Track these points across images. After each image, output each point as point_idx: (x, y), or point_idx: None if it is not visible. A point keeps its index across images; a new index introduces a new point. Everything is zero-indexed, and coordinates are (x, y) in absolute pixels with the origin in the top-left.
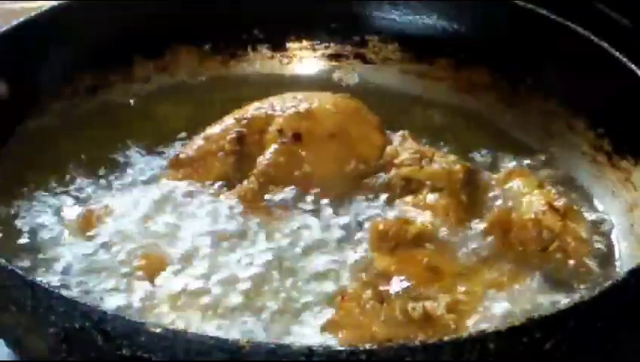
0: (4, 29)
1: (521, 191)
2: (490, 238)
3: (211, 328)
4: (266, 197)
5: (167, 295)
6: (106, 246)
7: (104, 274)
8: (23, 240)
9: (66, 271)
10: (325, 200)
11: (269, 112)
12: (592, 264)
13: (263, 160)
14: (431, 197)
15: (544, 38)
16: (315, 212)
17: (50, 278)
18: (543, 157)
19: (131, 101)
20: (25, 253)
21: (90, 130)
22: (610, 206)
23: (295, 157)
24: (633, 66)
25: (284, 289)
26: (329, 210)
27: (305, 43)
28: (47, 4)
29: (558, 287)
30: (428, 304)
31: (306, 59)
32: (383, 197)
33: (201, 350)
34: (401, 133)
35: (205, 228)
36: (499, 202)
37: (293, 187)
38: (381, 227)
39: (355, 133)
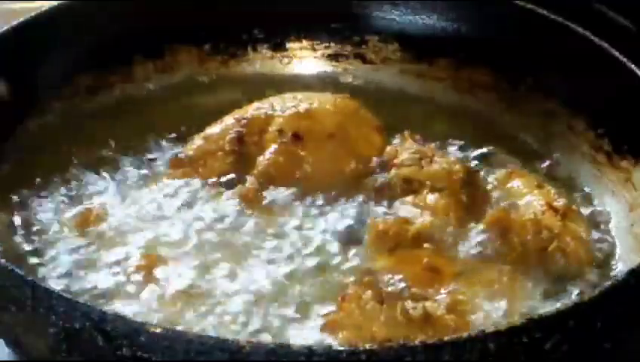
0: (4, 29)
1: (521, 191)
2: (489, 238)
3: (211, 328)
4: (266, 197)
5: (166, 294)
6: (105, 245)
7: (104, 273)
8: (23, 239)
9: (65, 271)
10: (325, 201)
11: (269, 112)
12: (591, 264)
13: (263, 160)
14: (431, 198)
15: (544, 38)
16: (315, 212)
17: (49, 278)
18: (542, 158)
19: (131, 101)
20: (25, 252)
21: (90, 130)
22: (610, 206)
23: (295, 157)
24: (633, 66)
25: (283, 289)
26: (329, 210)
27: (305, 43)
28: (47, 4)
29: (557, 287)
30: (428, 304)
31: (306, 59)
32: (383, 197)
33: (201, 350)
34: (401, 133)
35: (205, 227)
36: (499, 202)
37: (293, 187)
38: (381, 227)
39: (355, 134)
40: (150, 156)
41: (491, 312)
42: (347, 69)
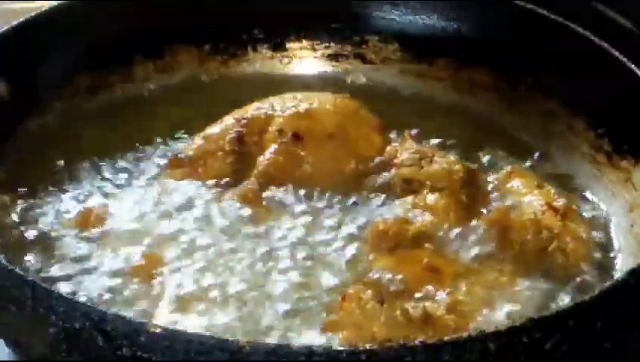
0: (4, 29)
1: (521, 191)
2: (489, 238)
3: (211, 327)
4: (266, 197)
5: (166, 294)
6: (105, 245)
7: (104, 273)
8: (23, 239)
9: (65, 271)
10: (325, 201)
11: (269, 112)
12: (591, 264)
13: (263, 160)
14: (431, 198)
15: (544, 38)
16: (315, 212)
17: (49, 278)
18: (543, 158)
19: (131, 101)
20: (25, 252)
21: (90, 130)
22: (610, 206)
23: (295, 157)
24: (633, 66)
25: (284, 289)
26: (329, 210)
27: (305, 43)
28: (47, 4)
29: (557, 287)
30: (428, 304)
31: (306, 59)
32: (383, 197)
33: (201, 350)
34: (401, 133)
35: (205, 228)
36: (499, 202)
37: (293, 187)
38: (381, 227)
39: (355, 134)
40: (150, 156)
41: (491, 312)
42: (347, 69)
